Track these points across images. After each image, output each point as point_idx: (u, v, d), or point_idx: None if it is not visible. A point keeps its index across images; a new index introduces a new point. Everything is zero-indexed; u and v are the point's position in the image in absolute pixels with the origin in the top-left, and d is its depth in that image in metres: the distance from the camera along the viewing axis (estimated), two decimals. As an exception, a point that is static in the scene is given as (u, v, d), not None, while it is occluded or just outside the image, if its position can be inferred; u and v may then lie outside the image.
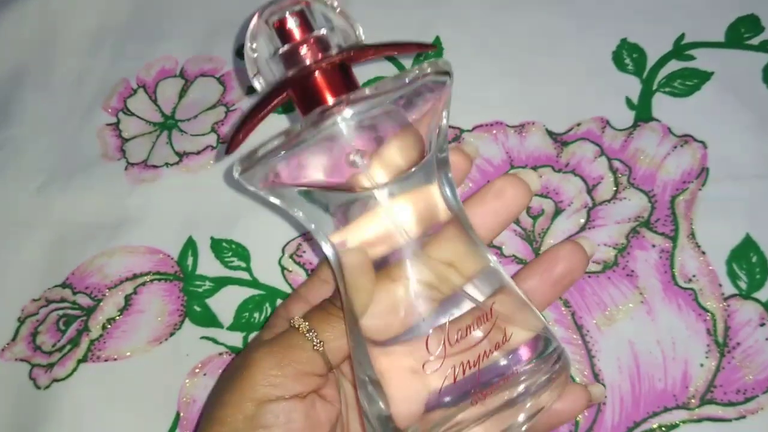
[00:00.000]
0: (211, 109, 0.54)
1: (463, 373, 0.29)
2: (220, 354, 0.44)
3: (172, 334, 0.45)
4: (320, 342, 0.32)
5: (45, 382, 0.45)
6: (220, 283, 0.46)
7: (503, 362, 0.30)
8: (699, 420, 0.37)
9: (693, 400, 0.38)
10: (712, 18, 0.49)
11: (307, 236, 0.47)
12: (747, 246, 0.41)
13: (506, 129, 0.48)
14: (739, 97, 0.46)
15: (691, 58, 0.48)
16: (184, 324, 0.45)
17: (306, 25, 0.31)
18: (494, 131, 0.48)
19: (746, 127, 0.45)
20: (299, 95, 0.31)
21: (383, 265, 0.31)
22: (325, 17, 0.32)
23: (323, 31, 0.31)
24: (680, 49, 0.48)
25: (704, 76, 0.47)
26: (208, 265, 0.47)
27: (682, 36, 0.49)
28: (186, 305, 0.46)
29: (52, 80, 0.59)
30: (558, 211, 0.44)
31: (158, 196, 0.50)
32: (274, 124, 0.51)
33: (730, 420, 0.37)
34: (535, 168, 0.46)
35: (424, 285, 0.31)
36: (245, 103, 0.53)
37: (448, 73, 0.31)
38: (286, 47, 0.31)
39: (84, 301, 0.47)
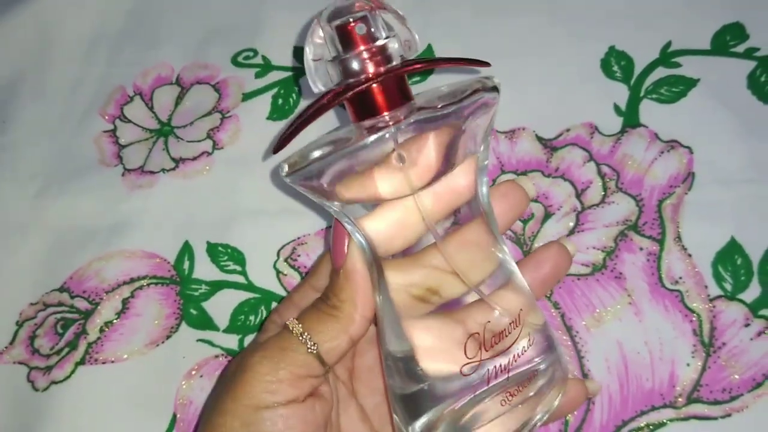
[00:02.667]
0: (207, 115, 0.54)
1: (496, 376, 0.31)
2: (216, 356, 0.44)
3: (168, 337, 0.46)
4: (314, 344, 0.31)
5: (43, 384, 0.45)
6: (216, 286, 0.47)
7: (528, 364, 0.32)
8: (686, 418, 0.38)
9: (680, 399, 0.39)
10: (698, 26, 0.50)
11: (301, 240, 0.47)
12: (732, 248, 0.42)
13: (497, 134, 0.49)
14: (725, 103, 0.47)
15: (678, 65, 0.49)
16: (181, 327, 0.46)
17: (368, 31, 0.30)
18: (485, 137, 0.49)
19: (731, 133, 0.46)
20: (354, 102, 0.31)
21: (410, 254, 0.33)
22: (387, 24, 0.31)
23: (385, 41, 0.30)
24: (667, 57, 0.49)
25: (690, 83, 0.48)
26: (204, 269, 0.48)
27: (669, 44, 0.50)
28: (182, 308, 0.46)
29: (48, 87, 0.59)
30: (548, 215, 0.45)
31: (155, 202, 0.51)
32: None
33: (716, 418, 0.38)
34: (525, 173, 0.47)
35: (444, 276, 0.32)
36: (240, 110, 0.54)
37: (497, 89, 0.32)
38: (346, 55, 0.30)
39: (81, 304, 0.48)
